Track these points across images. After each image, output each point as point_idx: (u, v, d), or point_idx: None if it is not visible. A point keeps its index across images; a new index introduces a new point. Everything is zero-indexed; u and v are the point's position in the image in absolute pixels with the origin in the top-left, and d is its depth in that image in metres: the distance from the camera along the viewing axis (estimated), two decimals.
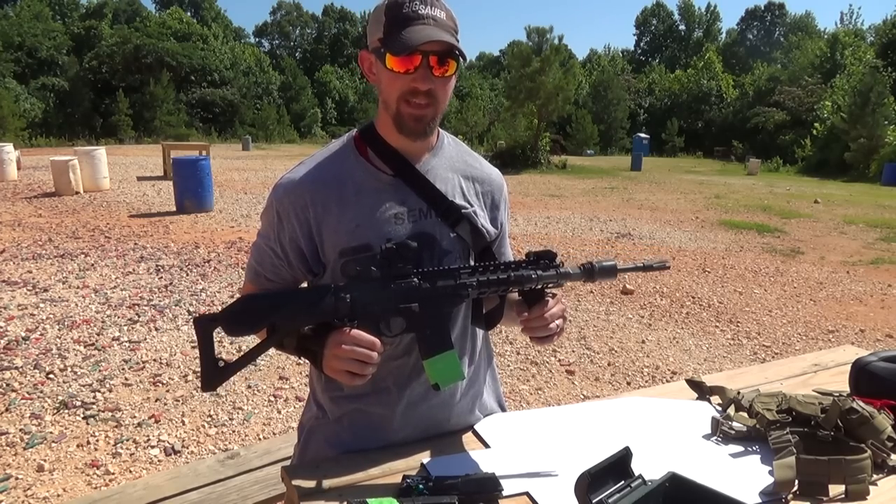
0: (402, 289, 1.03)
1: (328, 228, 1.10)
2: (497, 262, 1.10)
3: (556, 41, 22.48)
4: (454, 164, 1.21)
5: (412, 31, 1.01)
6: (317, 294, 1.03)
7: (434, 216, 1.14)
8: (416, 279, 1.04)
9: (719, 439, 1.20)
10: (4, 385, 3.52)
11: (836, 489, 1.02)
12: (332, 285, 1.03)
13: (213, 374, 1.03)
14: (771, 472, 1.06)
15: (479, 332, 1.28)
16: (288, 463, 1.37)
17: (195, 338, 1.05)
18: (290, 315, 1.02)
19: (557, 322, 1.10)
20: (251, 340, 4.31)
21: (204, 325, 1.03)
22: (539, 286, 1.09)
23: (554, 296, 1.12)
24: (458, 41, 1.05)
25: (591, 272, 1.12)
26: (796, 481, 1.02)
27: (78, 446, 2.95)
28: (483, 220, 1.20)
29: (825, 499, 1.01)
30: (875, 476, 1.06)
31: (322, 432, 1.23)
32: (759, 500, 1.01)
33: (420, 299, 1.03)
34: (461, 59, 1.06)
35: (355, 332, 0.99)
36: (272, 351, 1.26)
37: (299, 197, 1.11)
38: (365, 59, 1.11)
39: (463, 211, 1.16)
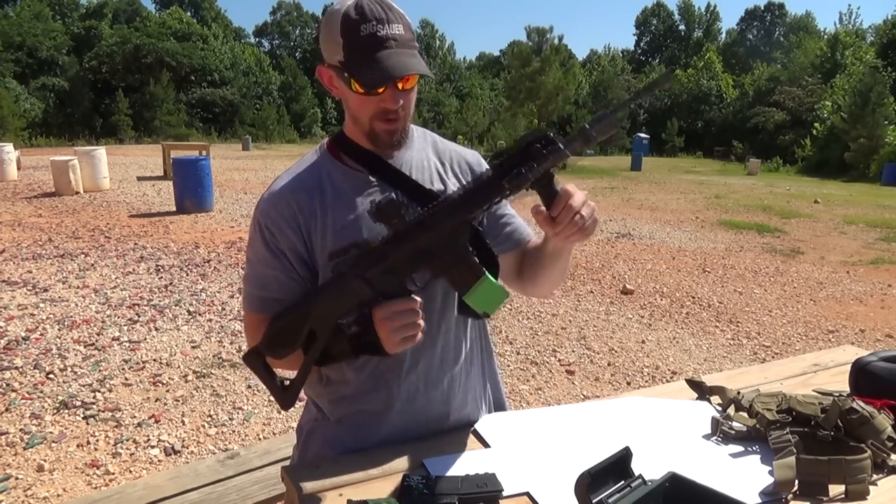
0: (409, 236, 0.99)
1: (315, 233, 1.11)
2: (484, 176, 1.00)
3: (556, 41, 22.54)
4: (427, 152, 1.22)
5: (381, 61, 0.99)
6: (337, 284, 1.02)
7: (414, 207, 1.14)
8: (415, 227, 1.00)
9: (719, 439, 1.20)
10: (4, 385, 3.52)
11: (836, 489, 1.02)
12: (344, 271, 1.01)
13: (284, 394, 1.07)
14: (771, 472, 1.06)
15: (472, 323, 1.27)
16: (288, 463, 1.37)
17: (196, 339, 1.07)
18: (323, 315, 1.02)
19: (586, 209, 0.99)
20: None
21: (252, 360, 1.07)
22: (540, 172, 0.96)
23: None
24: (422, 55, 1.05)
25: (586, 134, 0.97)
26: (796, 481, 1.03)
27: (78, 446, 2.95)
28: None
29: (825, 499, 1.01)
30: (875, 476, 1.06)
31: (322, 433, 1.23)
32: (759, 501, 1.01)
33: (431, 241, 0.99)
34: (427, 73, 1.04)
35: (388, 303, 0.99)
36: None
37: (286, 206, 1.11)
38: (324, 73, 1.10)
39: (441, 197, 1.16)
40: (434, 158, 1.23)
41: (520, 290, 1.32)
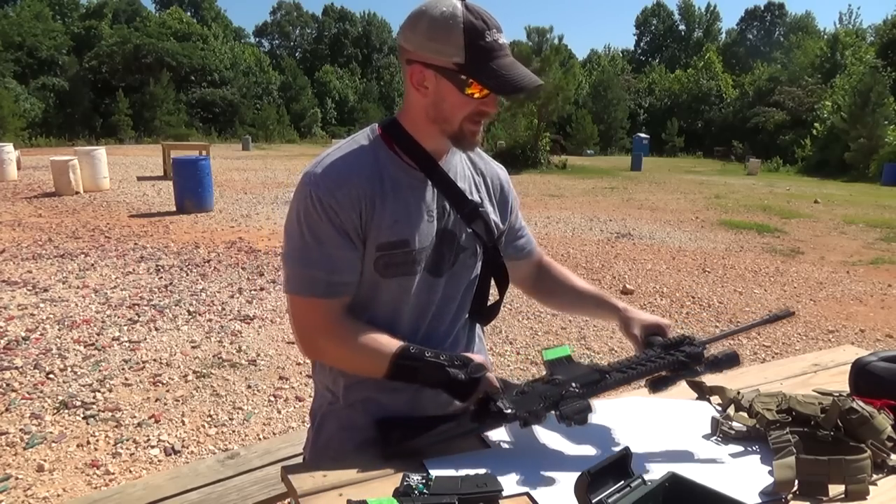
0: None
1: (371, 222, 1.11)
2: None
3: (556, 41, 22.49)
4: (467, 162, 1.26)
5: (507, 69, 1.05)
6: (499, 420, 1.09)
7: (454, 214, 1.18)
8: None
9: (719, 439, 1.20)
10: (4, 385, 3.52)
11: (835, 489, 1.02)
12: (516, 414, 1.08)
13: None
14: (771, 473, 1.06)
15: (478, 326, 1.32)
16: (288, 463, 1.37)
17: (196, 339, 1.07)
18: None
19: None
20: (251, 340, 4.26)
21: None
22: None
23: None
24: None
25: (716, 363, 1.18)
26: (796, 481, 1.02)
27: (78, 446, 2.95)
28: (493, 215, 1.25)
29: (825, 499, 1.01)
30: (875, 476, 1.06)
31: (336, 417, 1.25)
32: (759, 500, 1.01)
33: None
34: None
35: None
36: (272, 351, 1.27)
37: (351, 189, 1.10)
38: (418, 71, 1.08)
39: (479, 209, 1.21)
40: (472, 168, 1.27)
41: (530, 296, 1.49)
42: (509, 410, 1.07)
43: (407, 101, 1.14)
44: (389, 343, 1.11)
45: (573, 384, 1.09)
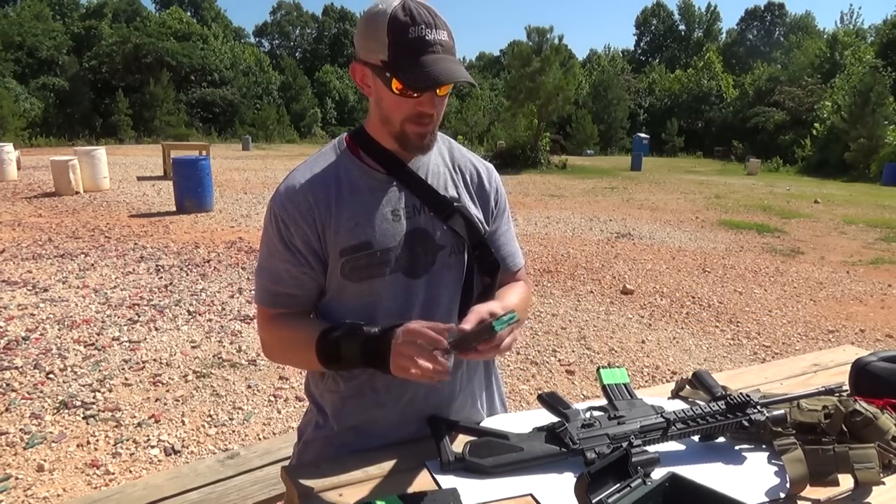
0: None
1: (329, 229, 1.11)
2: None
3: (556, 41, 22.45)
4: (443, 159, 1.23)
5: (428, 65, 1.00)
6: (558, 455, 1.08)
7: (427, 212, 1.16)
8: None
9: (720, 439, 1.20)
10: (4, 385, 3.52)
11: (843, 487, 1.02)
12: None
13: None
14: (777, 473, 1.06)
15: None
16: (288, 463, 1.37)
17: (196, 339, 1.06)
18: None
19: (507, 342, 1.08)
20: (251, 340, 4.25)
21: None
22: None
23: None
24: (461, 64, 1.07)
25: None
26: (808, 478, 1.02)
27: (78, 446, 2.95)
28: (475, 210, 1.22)
29: (834, 496, 1.01)
30: (882, 476, 1.05)
31: (322, 435, 1.23)
32: (766, 500, 1.00)
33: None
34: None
35: (419, 330, 0.97)
36: None
37: (302, 200, 1.11)
38: (358, 70, 1.09)
39: (455, 204, 1.17)
40: (450, 164, 1.23)
41: None
42: (576, 445, 1.07)
43: (369, 105, 1.15)
44: (315, 331, 1.08)
45: (639, 432, 1.10)
